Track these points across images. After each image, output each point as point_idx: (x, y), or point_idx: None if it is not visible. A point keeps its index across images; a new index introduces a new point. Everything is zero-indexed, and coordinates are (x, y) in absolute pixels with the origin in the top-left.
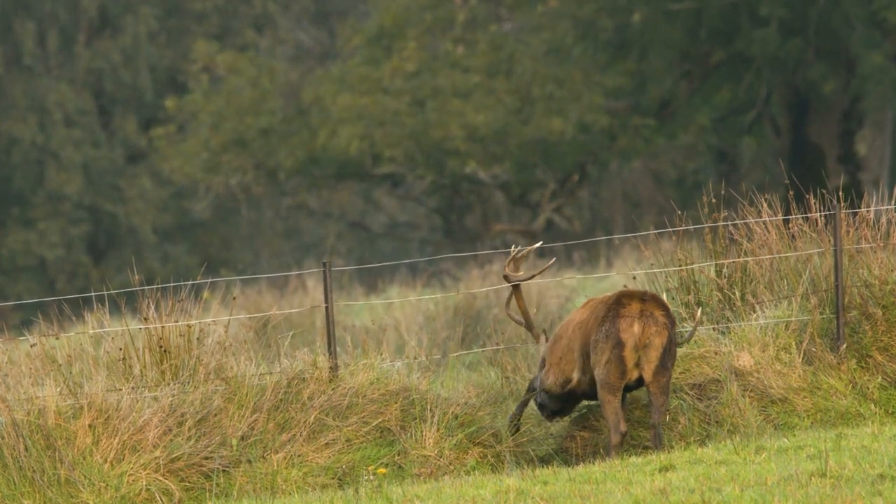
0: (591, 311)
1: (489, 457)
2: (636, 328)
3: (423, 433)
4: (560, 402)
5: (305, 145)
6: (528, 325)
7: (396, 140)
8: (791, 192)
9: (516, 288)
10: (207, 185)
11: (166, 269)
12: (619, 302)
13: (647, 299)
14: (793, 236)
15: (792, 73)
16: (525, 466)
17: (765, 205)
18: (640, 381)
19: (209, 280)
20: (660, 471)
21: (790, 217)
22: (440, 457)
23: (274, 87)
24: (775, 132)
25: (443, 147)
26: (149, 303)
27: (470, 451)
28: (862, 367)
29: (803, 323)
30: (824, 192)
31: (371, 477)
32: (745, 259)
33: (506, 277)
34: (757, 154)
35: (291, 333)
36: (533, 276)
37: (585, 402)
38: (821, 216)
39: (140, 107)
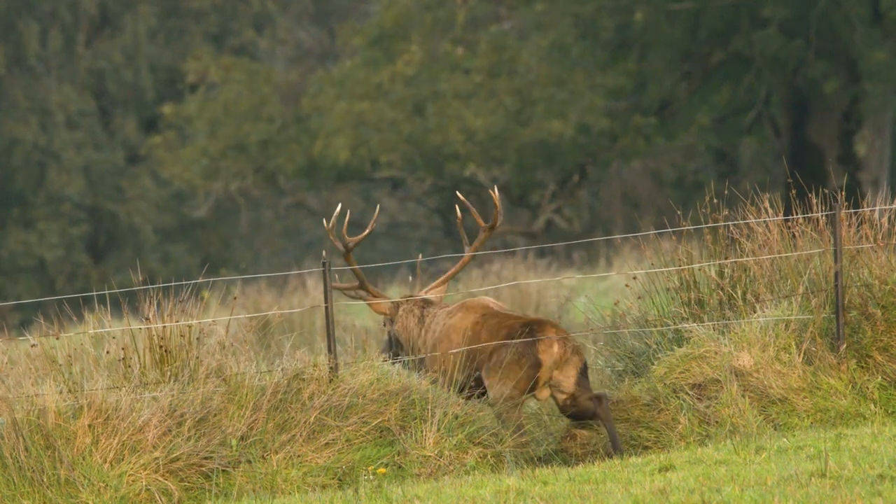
0: (477, 321)
1: (489, 457)
2: (556, 349)
3: (423, 433)
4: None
5: (305, 151)
6: (363, 286)
7: (393, 145)
8: (793, 191)
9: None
10: (207, 191)
11: (167, 269)
12: (531, 326)
13: (556, 325)
14: (793, 236)
15: (792, 74)
16: (525, 466)
17: (766, 203)
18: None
19: (210, 280)
20: (659, 471)
21: (790, 217)
22: (440, 457)
23: (272, 90)
24: (775, 132)
25: (442, 152)
26: (150, 303)
27: (470, 451)
28: (862, 367)
29: (803, 323)
30: (826, 191)
31: (371, 477)
32: (746, 259)
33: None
34: (756, 154)
35: (295, 334)
36: (365, 234)
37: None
38: (822, 216)
39: (141, 107)
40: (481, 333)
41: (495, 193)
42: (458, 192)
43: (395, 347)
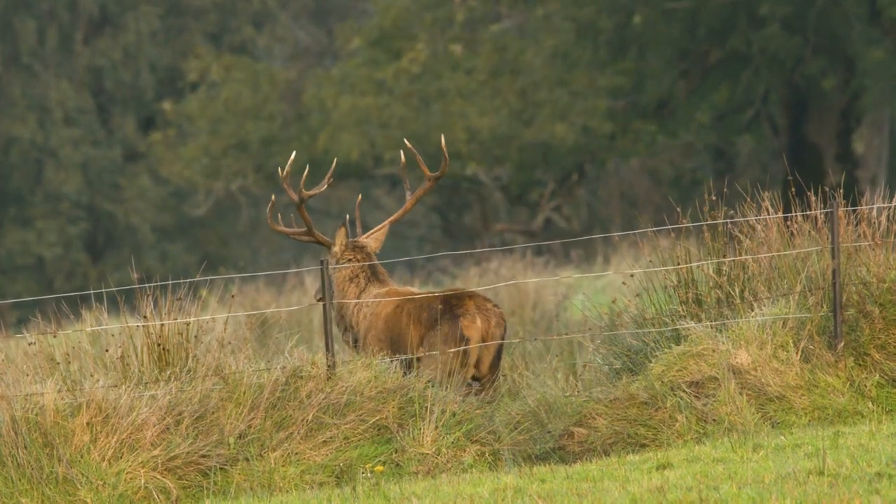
0: (398, 305)
1: (487, 454)
2: (479, 323)
3: (421, 431)
4: None
5: (306, 149)
6: (311, 233)
7: (398, 142)
8: (792, 189)
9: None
10: (208, 190)
11: (165, 268)
12: (450, 303)
13: (475, 295)
14: (791, 234)
15: (790, 72)
16: (522, 464)
17: (766, 202)
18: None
19: (208, 278)
20: (657, 469)
21: (789, 215)
22: (437, 454)
23: (273, 90)
24: (773, 130)
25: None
26: (148, 301)
27: (467, 449)
28: (859, 364)
29: (801, 321)
30: (824, 189)
31: (368, 475)
32: (744, 257)
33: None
34: (754, 152)
35: (297, 336)
36: (321, 187)
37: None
38: (820, 214)
39: (140, 106)
40: (401, 319)
41: (443, 143)
42: (405, 140)
43: (329, 293)
